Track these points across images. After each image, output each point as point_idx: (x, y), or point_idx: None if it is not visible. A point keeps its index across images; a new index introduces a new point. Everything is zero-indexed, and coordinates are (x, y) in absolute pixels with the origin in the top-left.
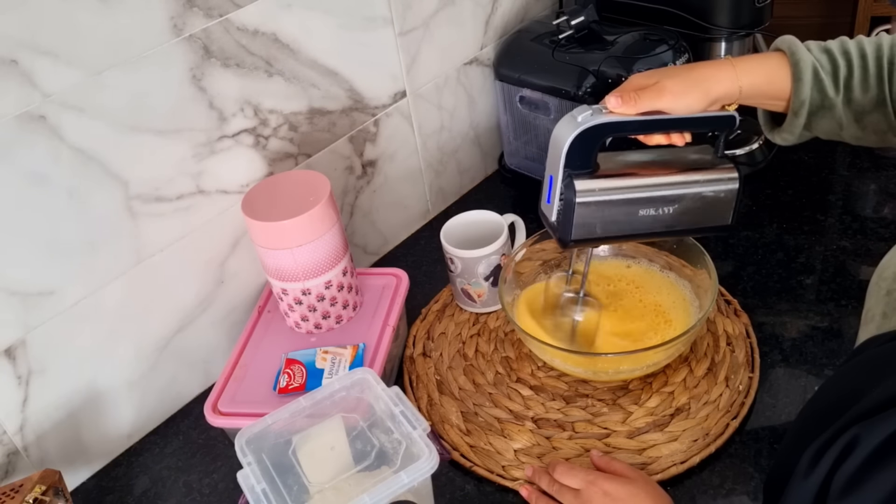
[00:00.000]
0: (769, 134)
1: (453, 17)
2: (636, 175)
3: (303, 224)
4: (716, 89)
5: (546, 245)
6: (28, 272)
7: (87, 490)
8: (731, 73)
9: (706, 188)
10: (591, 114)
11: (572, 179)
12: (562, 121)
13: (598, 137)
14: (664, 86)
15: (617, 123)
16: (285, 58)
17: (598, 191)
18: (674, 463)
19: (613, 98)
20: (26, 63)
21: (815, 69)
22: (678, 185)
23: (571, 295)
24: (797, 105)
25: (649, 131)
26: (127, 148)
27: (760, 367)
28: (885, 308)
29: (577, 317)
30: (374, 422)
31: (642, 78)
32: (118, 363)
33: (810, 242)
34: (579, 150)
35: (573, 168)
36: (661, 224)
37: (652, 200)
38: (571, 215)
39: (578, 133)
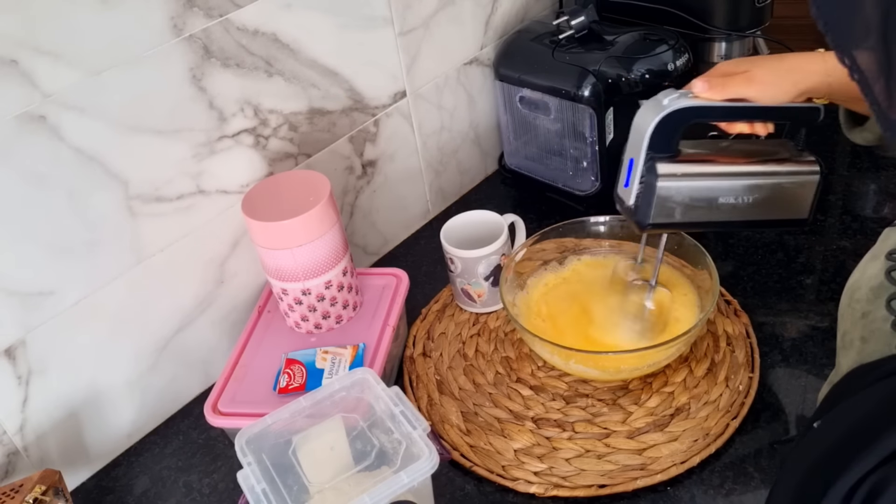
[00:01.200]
0: (848, 132)
1: (453, 17)
2: (718, 162)
3: (303, 224)
4: (805, 82)
5: (546, 245)
6: (28, 272)
7: (87, 490)
8: (822, 67)
9: (787, 179)
10: (677, 97)
11: (654, 162)
12: (645, 104)
13: (682, 121)
14: (754, 74)
15: (703, 108)
16: (285, 58)
17: (681, 175)
18: (674, 463)
19: (700, 82)
20: (26, 63)
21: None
22: (760, 174)
23: (641, 283)
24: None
25: (734, 118)
26: (127, 148)
27: (760, 367)
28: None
29: (649, 304)
30: (374, 422)
31: (731, 65)
32: (118, 363)
33: (810, 242)
34: (663, 134)
35: (655, 151)
36: (739, 213)
37: (733, 188)
38: (652, 198)
39: (664, 116)
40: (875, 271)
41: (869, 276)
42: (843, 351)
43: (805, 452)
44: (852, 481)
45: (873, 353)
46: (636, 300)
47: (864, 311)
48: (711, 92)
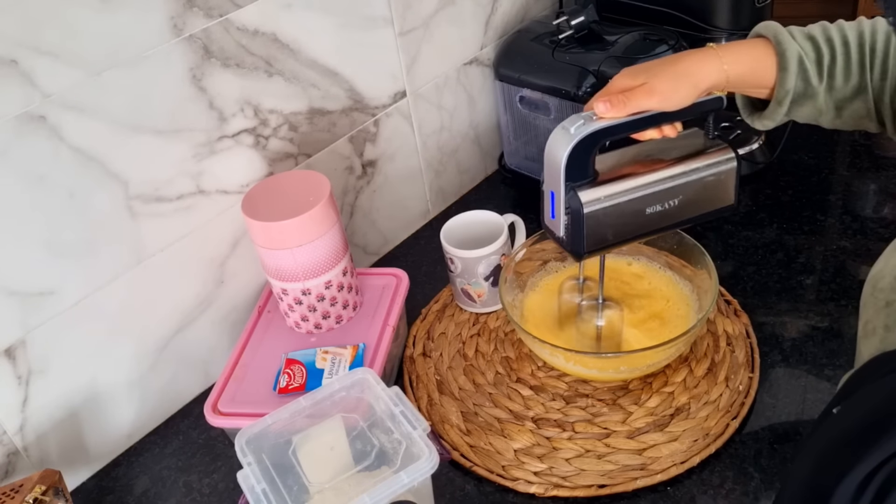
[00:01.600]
0: (748, 119)
1: (453, 17)
2: (637, 174)
3: (303, 224)
4: (704, 82)
5: (546, 245)
6: (28, 272)
7: (87, 490)
8: (717, 63)
9: (706, 173)
10: (582, 123)
11: (576, 192)
12: (553, 134)
13: (593, 145)
14: (653, 87)
15: (609, 128)
16: (285, 58)
17: (604, 198)
18: (674, 463)
19: (601, 104)
20: (26, 63)
21: (800, 58)
22: (680, 175)
23: (590, 302)
24: (782, 94)
25: (642, 129)
26: (127, 148)
27: (760, 367)
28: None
29: (600, 322)
30: (374, 422)
31: (627, 78)
32: (118, 363)
33: (810, 242)
34: (577, 161)
35: (573, 179)
36: (669, 217)
37: (657, 196)
38: (581, 227)
39: (574, 145)
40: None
41: (893, 266)
42: (865, 340)
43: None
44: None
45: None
46: (588, 320)
47: (889, 301)
48: (614, 111)
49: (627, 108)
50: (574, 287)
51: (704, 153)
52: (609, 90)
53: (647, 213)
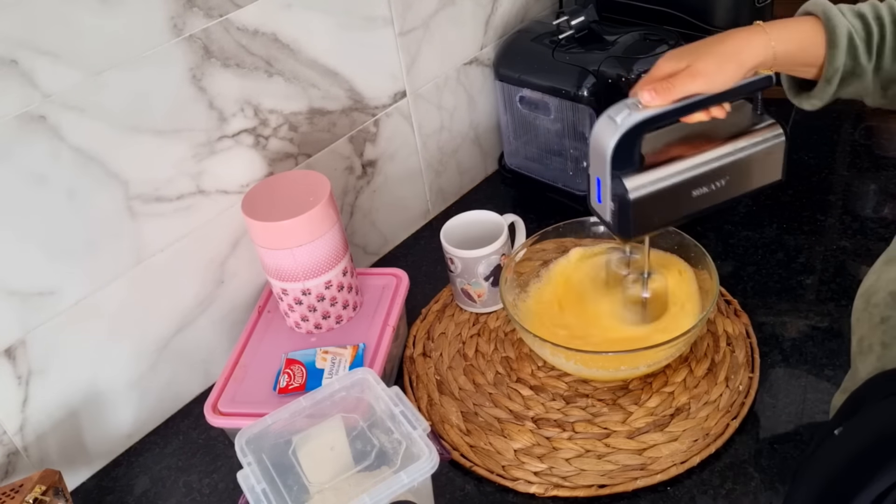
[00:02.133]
0: (795, 99)
1: (453, 17)
2: (683, 157)
3: (303, 224)
4: (750, 59)
5: (546, 245)
6: (28, 272)
7: (87, 490)
8: (764, 39)
9: (753, 151)
10: (628, 113)
11: (621, 179)
12: (599, 121)
13: (638, 134)
14: (697, 69)
15: (656, 116)
16: (285, 58)
17: (650, 184)
18: (674, 463)
19: (646, 93)
20: (26, 63)
21: (850, 35)
22: (726, 156)
23: (635, 276)
24: (831, 72)
25: (689, 113)
26: (127, 148)
27: (760, 367)
28: (883, 337)
29: (645, 294)
30: (374, 422)
31: (671, 62)
32: (118, 363)
33: (810, 242)
34: (622, 151)
35: (619, 167)
36: (716, 197)
37: (704, 178)
38: (628, 213)
39: (621, 136)
40: (893, 275)
41: (886, 280)
42: (861, 356)
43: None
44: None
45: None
46: (634, 293)
47: (884, 317)
48: (659, 99)
49: (672, 94)
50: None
51: (751, 131)
52: (654, 76)
53: (693, 195)
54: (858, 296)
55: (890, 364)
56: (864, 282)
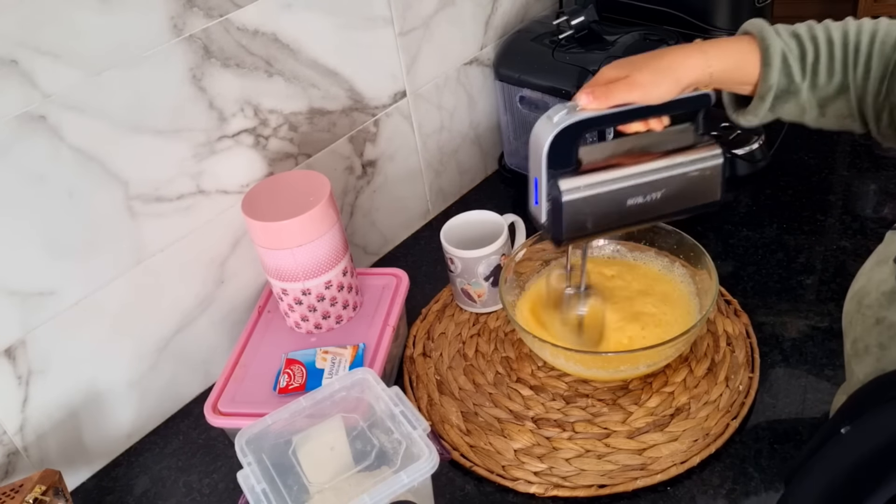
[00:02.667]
0: (733, 115)
1: (453, 17)
2: (620, 166)
3: (303, 224)
4: (686, 77)
5: (546, 245)
6: (28, 272)
7: (87, 490)
8: (701, 59)
9: (691, 168)
10: (566, 112)
11: (556, 179)
12: (538, 122)
13: (575, 135)
14: (634, 79)
15: (592, 119)
16: (285, 58)
17: (584, 187)
18: (674, 463)
19: (584, 95)
20: (26, 63)
21: (783, 55)
22: (662, 169)
23: (573, 291)
24: (764, 90)
25: (626, 122)
26: (127, 148)
27: (760, 367)
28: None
29: (582, 310)
30: (374, 422)
31: (613, 70)
32: (118, 363)
33: (810, 242)
34: (559, 150)
35: (556, 167)
36: (651, 210)
37: (638, 189)
38: (560, 215)
39: (556, 134)
40: (884, 276)
41: (878, 282)
42: (857, 359)
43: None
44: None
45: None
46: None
47: (879, 318)
48: (596, 103)
49: (609, 100)
50: (562, 276)
51: (691, 148)
52: (595, 82)
53: (627, 204)
54: (849, 299)
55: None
56: (854, 284)
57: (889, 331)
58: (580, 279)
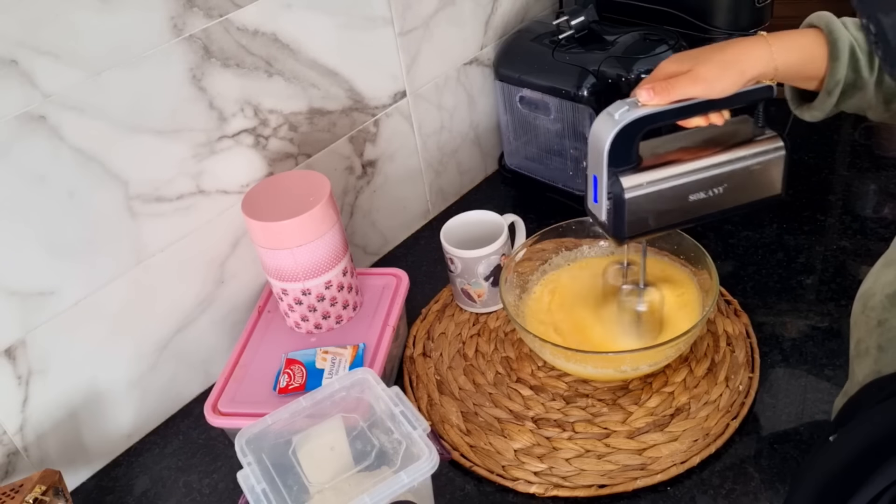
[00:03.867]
0: (797, 110)
1: (453, 17)
2: (681, 161)
3: (303, 224)
4: (751, 69)
5: (546, 245)
6: (28, 272)
7: (87, 490)
8: (766, 51)
9: (753, 161)
10: (627, 109)
11: (618, 177)
12: (598, 119)
13: (637, 131)
14: (698, 74)
15: (654, 115)
16: (285, 58)
17: (646, 184)
18: (674, 463)
19: (644, 92)
20: (26, 63)
21: (852, 48)
22: (724, 164)
23: (632, 287)
24: (832, 84)
25: (687, 116)
26: (127, 148)
27: (760, 367)
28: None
29: (641, 307)
30: (374, 422)
31: (674, 64)
32: (118, 363)
33: (810, 242)
34: (620, 148)
35: (616, 165)
36: (713, 205)
37: (701, 184)
38: (623, 213)
39: (618, 131)
40: (890, 278)
41: (883, 284)
42: (858, 359)
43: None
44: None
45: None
46: (629, 305)
47: (881, 319)
48: (657, 98)
49: (671, 95)
50: (619, 272)
51: (752, 141)
52: (655, 76)
53: (690, 199)
54: (857, 299)
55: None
56: (863, 285)
57: (889, 333)
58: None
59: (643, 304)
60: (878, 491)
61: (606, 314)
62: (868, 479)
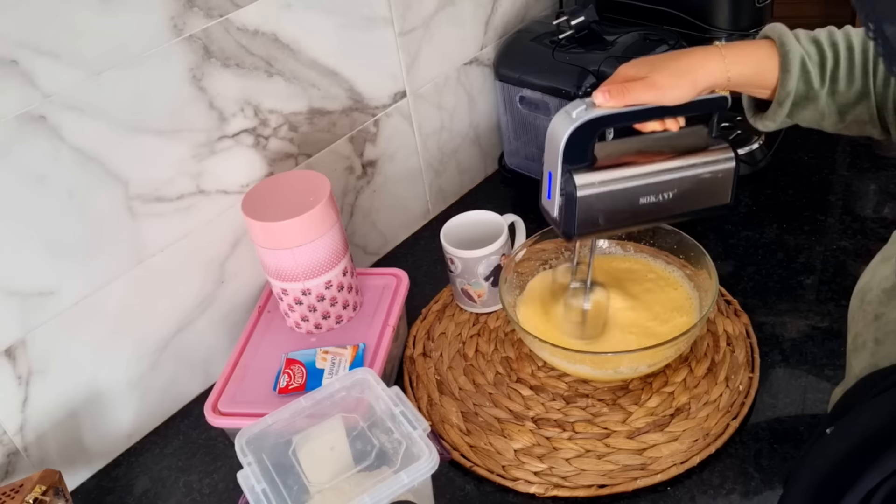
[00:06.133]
0: (752, 119)
1: (453, 17)
2: (634, 164)
3: (303, 224)
4: (704, 79)
5: (546, 245)
6: (28, 272)
7: (87, 490)
8: (719, 62)
9: (703, 170)
10: (584, 108)
11: (571, 174)
12: (556, 116)
13: (593, 131)
14: (653, 80)
15: (610, 116)
16: (285, 58)
17: (598, 183)
18: (674, 463)
19: (601, 94)
20: (26, 63)
21: (802, 60)
22: (675, 170)
23: (578, 285)
24: (783, 95)
25: (642, 120)
26: (127, 148)
27: (760, 367)
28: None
29: (586, 305)
30: (374, 422)
31: (631, 68)
32: (118, 363)
33: (810, 242)
34: (576, 145)
35: (571, 162)
36: (662, 209)
37: (651, 187)
38: (574, 210)
39: (574, 129)
40: (887, 273)
41: (880, 278)
42: (855, 353)
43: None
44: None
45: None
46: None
47: (878, 314)
48: (613, 101)
49: (626, 98)
50: (568, 270)
51: (704, 150)
52: (613, 80)
53: (640, 202)
54: (854, 294)
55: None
56: (860, 280)
57: (885, 327)
58: (586, 274)
59: (589, 303)
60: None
61: (553, 312)
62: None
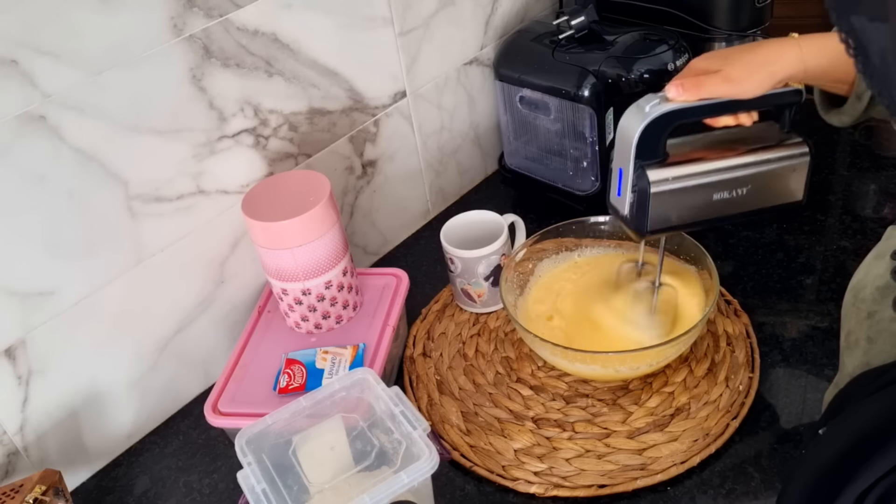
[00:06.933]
0: (825, 114)
1: (453, 17)
2: (707, 159)
3: (303, 224)
4: (781, 72)
5: (546, 245)
6: (28, 272)
7: (87, 490)
8: (797, 53)
9: (778, 165)
10: (657, 102)
11: (645, 170)
12: (627, 112)
13: (666, 126)
14: (728, 73)
15: (683, 110)
16: (285, 58)
17: (672, 179)
18: (674, 463)
19: (674, 87)
20: (26, 63)
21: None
22: (750, 165)
23: (646, 285)
24: (861, 89)
25: (716, 114)
26: (127, 148)
27: (760, 367)
28: (868, 332)
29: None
30: (374, 422)
31: (704, 62)
32: (118, 363)
33: (810, 242)
34: (648, 141)
35: (644, 158)
36: (735, 206)
37: (725, 183)
38: (646, 206)
39: (647, 123)
40: (880, 271)
41: (874, 276)
42: (848, 351)
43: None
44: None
45: (880, 353)
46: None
47: (870, 311)
48: (686, 95)
49: (699, 92)
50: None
51: (778, 145)
52: (685, 73)
53: (713, 198)
54: (848, 291)
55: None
56: (854, 277)
57: (878, 325)
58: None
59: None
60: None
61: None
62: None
